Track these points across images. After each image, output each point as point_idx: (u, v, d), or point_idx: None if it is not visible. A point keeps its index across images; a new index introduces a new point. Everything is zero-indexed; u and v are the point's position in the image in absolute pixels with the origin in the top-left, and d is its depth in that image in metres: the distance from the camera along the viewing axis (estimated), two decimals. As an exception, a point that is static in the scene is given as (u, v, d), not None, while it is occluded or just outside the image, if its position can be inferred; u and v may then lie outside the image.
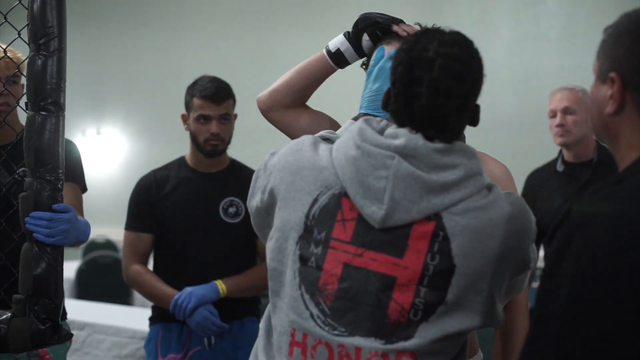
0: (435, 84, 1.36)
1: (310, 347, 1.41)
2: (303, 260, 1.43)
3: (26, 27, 1.91)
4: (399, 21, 1.79)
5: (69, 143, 2.52)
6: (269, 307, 1.52)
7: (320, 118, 1.87)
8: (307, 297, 1.42)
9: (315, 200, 1.43)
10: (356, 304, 1.39)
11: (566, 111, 3.20)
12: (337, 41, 1.87)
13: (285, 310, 1.45)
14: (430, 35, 1.40)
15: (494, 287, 1.39)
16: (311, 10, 6.00)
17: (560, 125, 3.18)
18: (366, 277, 1.39)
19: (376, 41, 1.81)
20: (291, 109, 1.88)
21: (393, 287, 1.38)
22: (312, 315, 1.41)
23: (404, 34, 1.75)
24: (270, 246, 1.49)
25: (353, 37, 1.84)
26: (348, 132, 1.46)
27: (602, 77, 1.22)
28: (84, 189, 2.50)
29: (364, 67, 1.85)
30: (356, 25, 1.84)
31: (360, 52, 1.84)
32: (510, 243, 1.39)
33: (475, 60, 1.40)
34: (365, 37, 1.82)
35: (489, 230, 1.38)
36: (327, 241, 1.41)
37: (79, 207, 2.39)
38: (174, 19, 6.69)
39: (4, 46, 2.21)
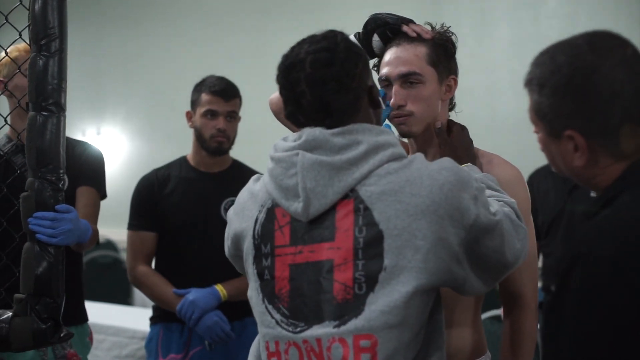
0: (310, 77, 1.47)
1: (283, 352, 1.48)
2: (260, 276, 1.53)
3: (27, 28, 1.91)
4: (408, 21, 1.80)
5: (88, 146, 2.54)
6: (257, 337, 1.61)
7: None
8: (270, 307, 1.51)
9: (256, 221, 1.55)
10: (307, 297, 1.46)
11: None
12: None
13: (260, 328, 1.54)
14: (302, 42, 1.53)
15: (435, 243, 1.41)
16: (312, 11, 6.00)
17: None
18: (309, 270, 1.46)
19: (386, 42, 1.81)
20: None
21: (332, 269, 1.44)
22: (277, 322, 1.49)
23: (414, 34, 1.76)
24: (248, 280, 1.59)
25: (363, 38, 1.85)
26: None
27: (554, 135, 1.21)
28: (102, 194, 2.50)
29: (375, 68, 1.86)
30: (366, 25, 1.84)
31: (370, 52, 1.85)
32: (436, 197, 1.41)
33: (339, 45, 1.49)
34: (376, 38, 1.82)
35: (407, 189, 1.42)
36: (272, 251, 1.51)
37: (90, 212, 2.39)
38: (174, 19, 6.69)
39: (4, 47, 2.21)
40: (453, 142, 1.76)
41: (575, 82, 1.16)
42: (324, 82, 1.47)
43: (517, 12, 5.35)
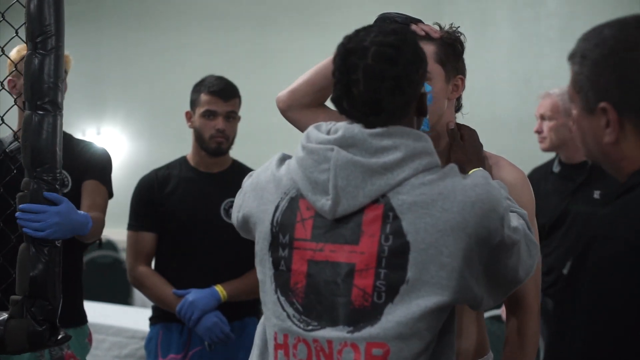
0: (369, 69, 1.43)
1: (292, 346, 1.47)
2: (275, 265, 1.50)
3: (24, 26, 1.90)
4: (417, 21, 1.80)
5: (94, 145, 2.53)
6: (262, 318, 1.58)
7: (338, 118, 1.86)
8: (282, 299, 1.49)
9: (277, 208, 1.51)
10: (323, 297, 1.44)
11: (543, 118, 3.23)
12: None
13: (269, 317, 1.52)
14: (370, 28, 1.48)
15: (460, 261, 1.39)
16: (312, 11, 5.99)
17: (537, 132, 3.23)
18: (328, 269, 1.44)
19: None
20: (310, 108, 1.87)
21: (353, 273, 1.42)
22: (288, 316, 1.48)
23: (422, 33, 1.75)
24: (256, 261, 1.57)
25: None
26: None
27: (588, 109, 1.19)
28: (109, 190, 2.50)
29: None
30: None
31: None
32: (467, 215, 1.40)
33: (408, 45, 1.46)
34: None
35: (439, 204, 1.40)
36: (291, 243, 1.48)
37: (94, 202, 2.37)
38: (174, 19, 6.68)
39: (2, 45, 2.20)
40: (465, 145, 1.75)
41: (617, 54, 1.16)
42: (382, 78, 1.43)
43: (517, 12, 5.34)
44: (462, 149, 1.74)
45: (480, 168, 1.66)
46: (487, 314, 3.16)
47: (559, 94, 3.20)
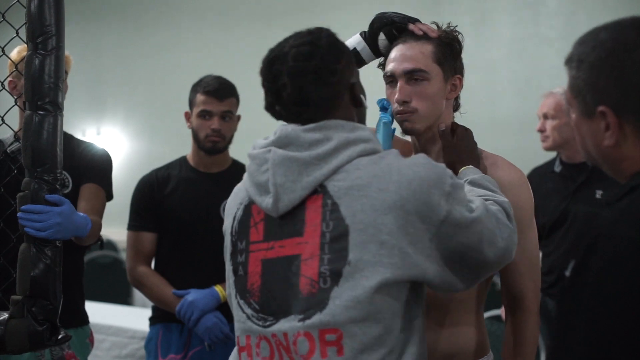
0: (291, 70, 1.48)
1: (254, 346, 1.50)
2: (235, 272, 1.56)
3: (24, 26, 1.90)
4: (414, 20, 1.80)
5: (94, 146, 2.53)
6: None
7: None
8: (241, 302, 1.53)
9: (234, 218, 1.59)
10: (276, 292, 1.48)
11: (545, 117, 3.23)
12: (353, 41, 1.87)
13: (234, 323, 1.57)
14: (288, 37, 1.54)
15: (401, 238, 1.41)
16: (312, 11, 5.99)
17: (540, 131, 3.23)
18: (279, 265, 1.48)
19: (392, 40, 1.81)
20: None
21: (300, 264, 1.46)
22: (248, 317, 1.51)
23: (420, 32, 1.76)
24: None
25: (369, 37, 1.84)
26: None
27: (587, 112, 1.19)
28: (108, 192, 2.50)
29: (380, 67, 1.85)
30: (372, 24, 1.84)
31: (376, 51, 1.85)
32: (404, 193, 1.41)
33: (323, 39, 1.51)
34: (382, 37, 1.82)
35: (375, 185, 1.43)
36: (247, 247, 1.54)
37: (91, 205, 2.37)
38: (174, 18, 6.68)
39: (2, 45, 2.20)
40: (456, 144, 1.75)
41: (615, 56, 1.15)
42: (304, 74, 1.48)
43: (517, 12, 5.34)
44: (454, 148, 1.74)
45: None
46: (487, 314, 3.16)
47: (562, 93, 3.20)
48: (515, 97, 5.30)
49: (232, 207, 1.61)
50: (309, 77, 1.48)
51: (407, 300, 1.46)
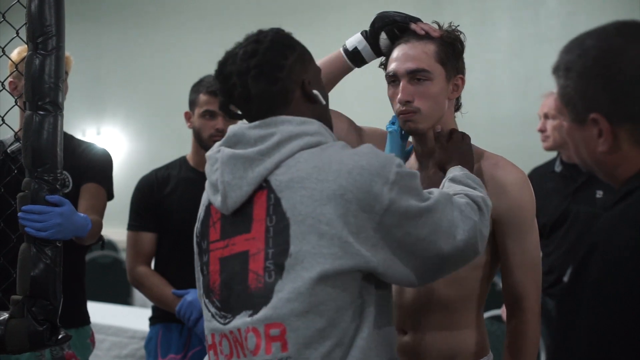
0: (239, 69, 1.52)
1: (218, 343, 1.51)
2: (201, 272, 1.58)
3: (24, 26, 1.90)
4: (416, 20, 1.80)
5: (95, 146, 2.53)
6: None
7: (337, 117, 1.85)
8: (207, 301, 1.55)
9: (198, 219, 1.62)
10: (232, 289, 1.49)
11: (546, 116, 3.22)
12: (355, 40, 1.87)
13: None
14: (245, 39, 1.57)
15: (342, 227, 1.39)
16: (312, 11, 5.99)
17: (540, 131, 3.23)
18: (232, 262, 1.50)
19: (394, 40, 1.80)
20: None
21: (248, 259, 1.47)
22: (213, 315, 1.53)
23: (422, 32, 1.75)
24: None
25: (370, 36, 1.84)
26: None
27: (579, 120, 1.18)
28: (108, 192, 2.50)
29: (382, 66, 1.85)
30: (373, 24, 1.84)
31: (377, 51, 1.84)
32: (343, 182, 1.41)
33: (268, 36, 1.54)
34: (383, 36, 1.82)
35: (314, 176, 1.43)
36: (208, 247, 1.56)
37: (91, 205, 2.37)
38: (174, 18, 6.68)
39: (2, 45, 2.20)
40: (449, 147, 1.74)
41: (602, 63, 1.15)
42: (248, 70, 1.50)
43: (517, 12, 5.34)
44: (446, 150, 1.74)
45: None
46: (487, 314, 3.16)
47: None
48: (515, 97, 5.30)
49: (199, 210, 1.63)
50: (252, 72, 1.50)
51: (360, 291, 1.44)
